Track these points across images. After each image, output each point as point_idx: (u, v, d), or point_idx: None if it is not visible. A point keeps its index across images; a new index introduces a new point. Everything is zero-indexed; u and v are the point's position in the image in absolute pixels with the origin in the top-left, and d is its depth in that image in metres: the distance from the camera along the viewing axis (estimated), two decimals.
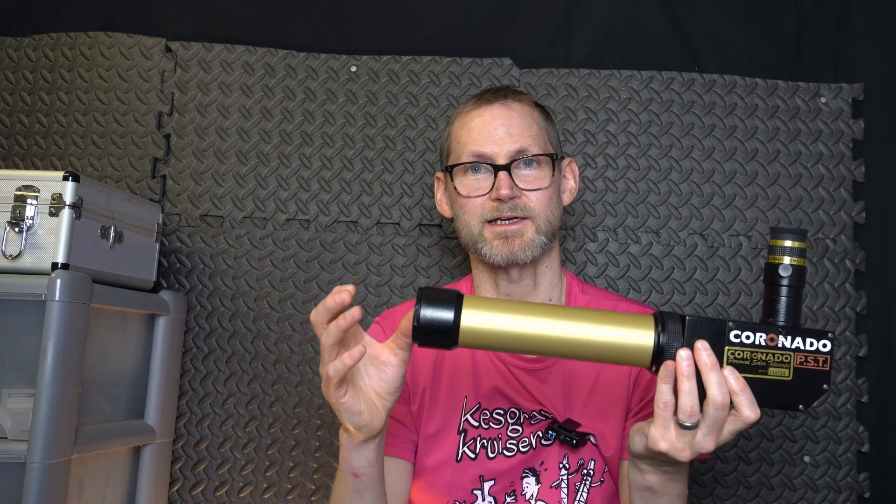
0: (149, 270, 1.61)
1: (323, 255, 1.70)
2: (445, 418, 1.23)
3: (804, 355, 0.88)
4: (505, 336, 0.89)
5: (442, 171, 1.32)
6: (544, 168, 1.23)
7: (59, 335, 1.28)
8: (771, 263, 0.89)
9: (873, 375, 1.62)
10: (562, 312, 0.91)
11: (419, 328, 0.89)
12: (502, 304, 0.91)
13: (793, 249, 0.88)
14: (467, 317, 0.89)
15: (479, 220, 1.21)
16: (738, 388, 0.87)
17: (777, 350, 0.88)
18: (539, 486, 1.19)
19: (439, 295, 0.90)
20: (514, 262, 1.20)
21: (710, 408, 0.87)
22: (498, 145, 1.21)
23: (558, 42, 1.75)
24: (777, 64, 1.71)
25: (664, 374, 0.88)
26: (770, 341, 0.88)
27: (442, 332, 0.89)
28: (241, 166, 1.73)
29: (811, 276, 1.65)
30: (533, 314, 0.90)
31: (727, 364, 0.88)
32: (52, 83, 1.79)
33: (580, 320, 0.90)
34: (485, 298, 0.92)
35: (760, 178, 1.68)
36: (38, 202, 1.35)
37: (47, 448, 1.25)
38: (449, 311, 0.88)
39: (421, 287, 0.92)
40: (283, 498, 1.65)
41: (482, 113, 1.24)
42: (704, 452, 0.89)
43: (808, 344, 0.88)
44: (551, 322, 0.89)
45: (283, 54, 1.76)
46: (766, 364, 0.88)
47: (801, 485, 1.60)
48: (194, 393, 1.69)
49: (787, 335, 0.88)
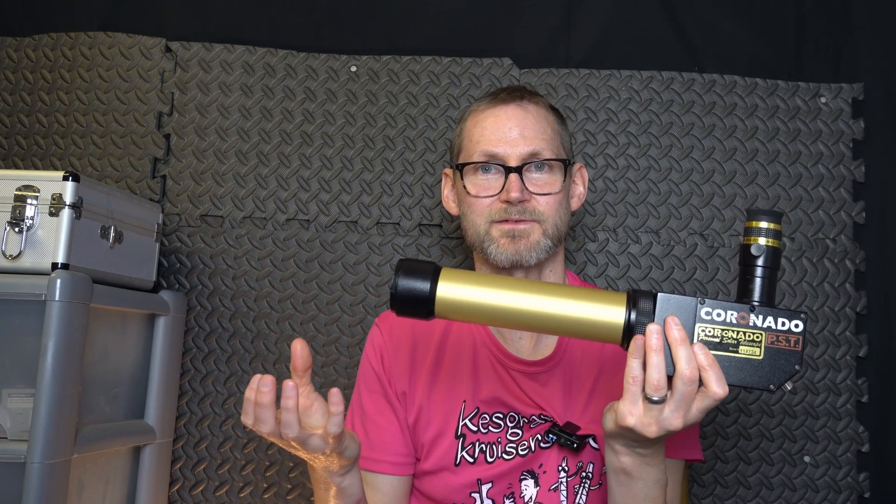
0: (149, 270, 1.61)
1: (323, 255, 1.70)
2: (444, 423, 1.23)
3: (776, 335, 0.88)
4: (480, 308, 0.92)
5: (451, 167, 1.31)
6: (555, 173, 1.22)
7: (59, 335, 1.28)
8: (745, 244, 0.89)
9: (873, 375, 1.62)
10: (537, 287, 0.93)
11: (396, 297, 0.92)
12: (479, 277, 0.94)
13: (767, 231, 0.88)
14: (444, 288, 0.92)
15: (486, 219, 1.21)
16: (706, 364, 0.87)
17: (748, 328, 0.88)
18: (538, 489, 1.19)
19: (417, 266, 0.93)
20: (518, 262, 1.19)
21: (678, 382, 0.87)
22: (511, 146, 1.20)
23: (558, 42, 1.75)
24: (777, 64, 1.71)
25: (634, 349, 0.89)
26: (741, 319, 0.88)
27: (419, 301, 0.92)
28: (241, 166, 1.73)
29: (811, 276, 1.65)
30: (508, 288, 0.92)
31: (697, 341, 0.88)
32: (52, 83, 1.79)
33: (554, 295, 0.92)
34: (462, 271, 0.95)
35: (760, 178, 1.68)
36: (38, 202, 1.35)
37: (47, 448, 1.25)
38: (426, 282, 0.92)
39: (401, 258, 0.95)
40: (283, 498, 1.65)
41: (497, 112, 1.24)
42: (672, 429, 0.89)
43: (779, 323, 0.88)
44: (526, 296, 0.91)
45: (283, 54, 1.76)
46: (736, 342, 0.88)
47: (801, 485, 1.60)
48: (194, 393, 1.69)
49: (759, 314, 0.88)
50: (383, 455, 1.22)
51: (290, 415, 0.93)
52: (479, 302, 0.92)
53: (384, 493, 1.22)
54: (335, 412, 0.93)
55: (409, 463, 1.24)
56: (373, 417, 1.24)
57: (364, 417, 1.25)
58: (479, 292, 0.92)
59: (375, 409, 1.25)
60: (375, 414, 1.25)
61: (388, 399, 1.25)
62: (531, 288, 0.93)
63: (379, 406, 1.25)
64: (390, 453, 1.23)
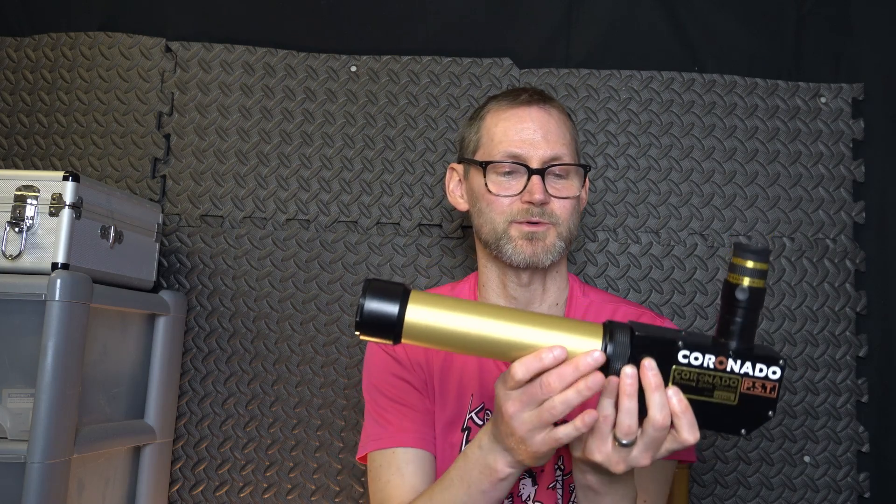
0: (149, 270, 1.61)
1: (323, 255, 1.70)
2: (453, 414, 1.22)
3: (752, 381, 0.85)
4: (450, 335, 0.87)
5: (459, 161, 1.31)
6: (573, 178, 1.23)
7: (59, 335, 1.28)
8: (729, 282, 0.84)
9: (873, 375, 1.62)
10: (510, 315, 0.88)
11: (362, 321, 0.87)
12: (450, 301, 0.89)
13: (753, 270, 0.83)
14: (413, 312, 0.87)
15: (506, 218, 1.20)
16: (679, 411, 0.84)
17: (725, 374, 0.85)
18: (535, 488, 1.19)
19: (386, 287, 0.88)
20: (534, 264, 1.19)
21: (649, 427, 0.85)
22: (534, 149, 1.20)
23: (558, 42, 1.75)
24: (777, 64, 1.71)
25: (607, 389, 0.86)
26: (719, 364, 0.85)
27: (386, 325, 0.87)
28: (241, 166, 1.73)
29: (811, 276, 1.65)
30: (480, 315, 0.88)
31: (672, 383, 0.85)
32: (52, 83, 1.79)
33: (528, 324, 0.87)
34: (432, 294, 0.90)
35: (760, 178, 1.68)
36: (38, 202, 1.35)
37: (47, 448, 1.25)
38: (394, 305, 0.86)
39: (367, 278, 0.90)
40: (283, 498, 1.65)
41: (520, 113, 1.23)
42: (640, 466, 0.88)
43: (757, 370, 0.85)
44: (498, 324, 0.87)
45: (283, 54, 1.76)
46: (712, 387, 0.85)
47: (801, 485, 1.60)
48: (194, 393, 1.69)
49: (737, 359, 0.85)
50: (425, 432, 1.20)
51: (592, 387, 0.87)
52: (449, 329, 0.87)
53: (425, 472, 1.18)
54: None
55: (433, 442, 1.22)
56: (403, 403, 1.22)
57: (394, 405, 1.22)
58: (450, 318, 0.87)
59: (403, 396, 1.23)
60: (403, 400, 1.22)
61: (413, 385, 1.23)
62: (504, 316, 0.88)
63: (406, 392, 1.23)
64: (425, 431, 1.21)
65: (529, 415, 0.88)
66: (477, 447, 0.99)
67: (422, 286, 1.67)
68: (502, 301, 1.25)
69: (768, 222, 1.67)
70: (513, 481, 0.99)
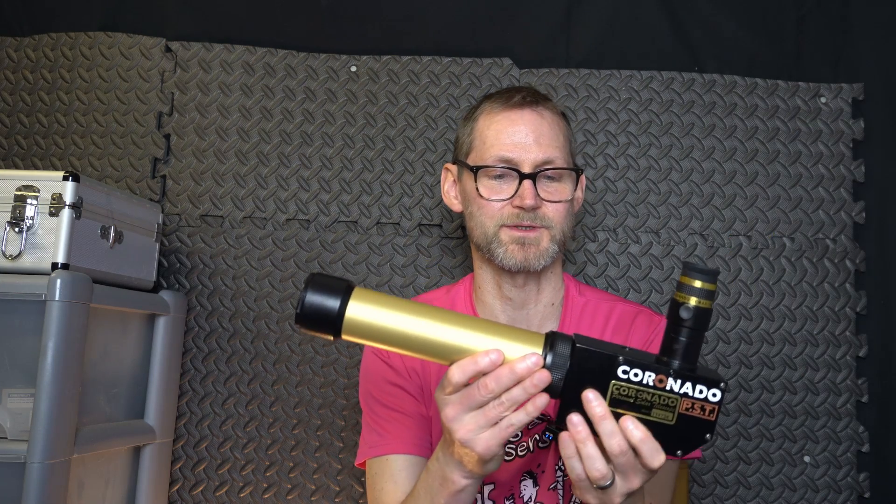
0: (149, 270, 1.61)
1: (323, 255, 1.70)
2: None
3: (691, 402, 0.84)
4: (390, 333, 0.87)
5: (453, 162, 1.30)
6: (566, 181, 1.23)
7: (59, 335, 1.28)
8: (676, 301, 0.84)
9: (873, 375, 1.62)
10: (452, 319, 0.89)
11: (302, 314, 0.87)
12: (394, 301, 0.89)
13: (700, 290, 0.83)
14: (354, 308, 0.87)
15: (497, 222, 1.20)
16: (638, 440, 0.84)
17: (664, 392, 0.84)
18: (537, 489, 1.19)
19: (329, 282, 0.88)
20: (525, 268, 1.19)
21: (612, 458, 0.85)
22: (526, 153, 1.20)
23: (558, 42, 1.75)
24: (777, 64, 1.71)
25: (564, 446, 0.86)
26: (659, 382, 0.84)
27: (326, 320, 0.87)
28: (241, 166, 1.73)
29: (811, 276, 1.65)
30: (422, 316, 0.88)
31: (611, 398, 0.85)
32: (52, 83, 1.79)
33: (469, 329, 0.88)
34: (375, 292, 0.90)
35: (760, 178, 1.68)
36: (38, 202, 1.35)
37: (47, 448, 1.25)
38: (335, 300, 0.87)
39: (312, 272, 0.90)
40: (282, 498, 1.65)
41: (512, 116, 1.23)
42: (635, 489, 0.87)
43: (697, 391, 0.84)
44: (439, 327, 0.87)
45: (283, 54, 1.76)
46: (650, 405, 0.85)
47: (801, 485, 1.60)
48: (194, 393, 1.69)
49: (678, 378, 0.84)
50: (420, 438, 1.20)
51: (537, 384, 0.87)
52: (388, 327, 0.87)
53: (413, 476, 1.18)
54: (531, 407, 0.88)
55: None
56: (397, 410, 1.22)
57: (389, 412, 1.22)
58: (390, 316, 0.87)
59: (397, 402, 1.22)
60: (398, 406, 1.22)
61: (408, 392, 1.23)
62: (444, 318, 0.88)
63: (400, 398, 1.23)
64: (421, 435, 1.21)
65: (470, 417, 0.87)
66: (435, 459, 0.99)
67: (422, 286, 1.68)
68: (498, 301, 1.25)
69: (768, 222, 1.67)
70: (472, 493, 0.98)
